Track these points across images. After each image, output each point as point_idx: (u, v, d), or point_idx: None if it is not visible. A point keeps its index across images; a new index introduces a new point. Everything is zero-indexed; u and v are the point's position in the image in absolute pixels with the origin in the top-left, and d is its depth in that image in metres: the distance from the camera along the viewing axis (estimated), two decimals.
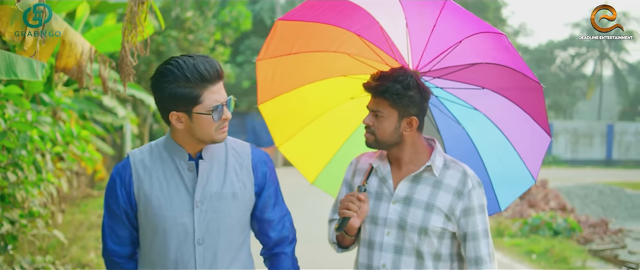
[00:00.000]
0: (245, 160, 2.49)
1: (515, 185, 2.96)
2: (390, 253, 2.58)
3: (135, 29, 3.25)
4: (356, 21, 2.75)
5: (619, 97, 47.38)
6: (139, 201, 2.40)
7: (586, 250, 9.46)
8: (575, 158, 33.57)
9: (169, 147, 2.41)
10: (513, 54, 2.61)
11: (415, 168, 2.63)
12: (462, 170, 2.62)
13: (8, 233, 5.21)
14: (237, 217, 2.45)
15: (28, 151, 5.32)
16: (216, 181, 2.41)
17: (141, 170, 2.40)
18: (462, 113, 2.96)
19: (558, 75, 47.05)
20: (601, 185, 16.26)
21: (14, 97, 5.45)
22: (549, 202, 13.19)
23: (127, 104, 15.99)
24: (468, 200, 2.57)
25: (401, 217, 2.58)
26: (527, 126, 2.81)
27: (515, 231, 10.66)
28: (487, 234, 2.59)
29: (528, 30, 65.35)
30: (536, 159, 2.88)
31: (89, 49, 4.35)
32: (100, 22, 11.00)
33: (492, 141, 2.93)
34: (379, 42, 2.79)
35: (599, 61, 47.00)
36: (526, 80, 2.63)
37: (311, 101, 3.09)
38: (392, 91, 2.51)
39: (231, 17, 17.23)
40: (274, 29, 2.85)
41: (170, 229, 2.37)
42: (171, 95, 2.27)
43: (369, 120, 2.59)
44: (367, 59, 2.89)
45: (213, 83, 2.29)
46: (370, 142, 2.62)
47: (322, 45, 2.91)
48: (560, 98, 46.00)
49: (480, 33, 2.60)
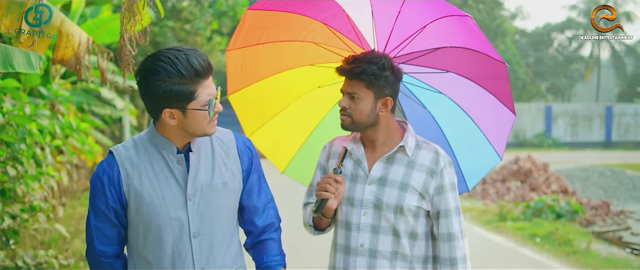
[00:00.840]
0: (231, 148, 2.46)
1: (482, 164, 3.07)
2: (368, 233, 2.65)
3: (134, 17, 3.19)
4: (323, 10, 2.79)
5: (617, 79, 47.34)
6: (129, 199, 2.33)
7: (590, 232, 9.44)
8: (574, 140, 33.59)
9: (156, 141, 2.35)
10: (478, 36, 2.68)
11: (388, 149, 2.71)
12: (434, 150, 2.71)
13: (9, 228, 5.17)
14: (229, 207, 2.43)
15: (27, 145, 5.27)
16: (205, 172, 2.37)
17: (129, 167, 2.33)
18: (427, 97, 3.05)
19: (556, 58, 46.98)
20: (602, 167, 16.22)
21: (12, 90, 5.39)
22: (550, 185, 13.18)
23: (125, 95, 15.92)
24: (440, 179, 2.66)
25: (377, 197, 2.65)
26: (492, 106, 2.91)
27: (518, 215, 10.64)
28: (458, 211, 2.68)
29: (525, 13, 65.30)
30: (501, 137, 3.00)
31: (87, 40, 4.29)
32: (95, 13, 10.93)
33: (457, 123, 3.03)
34: (346, 30, 2.83)
35: (597, 43, 46.91)
36: (490, 60, 2.72)
37: (279, 91, 3.12)
38: (369, 72, 2.57)
39: (228, 6, 17.12)
40: (243, 19, 2.85)
41: (165, 224, 2.31)
42: (165, 93, 2.19)
43: (345, 103, 2.64)
44: (334, 47, 2.93)
45: (206, 77, 2.24)
46: (346, 124, 2.67)
47: (290, 34, 2.94)
48: (558, 81, 45.95)
49: (444, 17, 2.65)
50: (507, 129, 2.96)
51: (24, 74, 7.26)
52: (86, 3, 9.93)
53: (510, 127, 2.95)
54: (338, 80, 3.05)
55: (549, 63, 45.81)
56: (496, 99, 2.88)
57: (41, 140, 5.62)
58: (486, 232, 9.80)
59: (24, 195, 5.53)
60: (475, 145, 3.02)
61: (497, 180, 14.25)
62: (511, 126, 2.95)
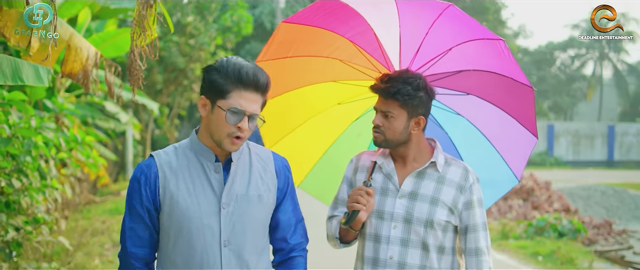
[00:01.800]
0: (268, 164, 2.51)
1: (498, 186, 3.13)
2: (397, 246, 2.70)
3: (144, 33, 3.23)
4: (352, 27, 2.82)
5: (619, 98, 47.38)
6: (163, 202, 2.39)
7: (592, 251, 9.42)
8: (576, 159, 33.55)
9: (196, 149, 2.43)
10: (505, 60, 2.73)
11: (419, 165, 2.76)
12: (463, 166, 2.77)
13: (13, 240, 5.18)
14: (261, 220, 2.46)
15: (32, 157, 5.29)
16: (242, 183, 2.42)
17: (168, 171, 2.40)
18: (445, 118, 3.10)
19: (558, 76, 47.05)
20: (604, 186, 16.20)
21: (18, 103, 5.43)
22: (552, 204, 13.16)
23: (129, 109, 15.98)
24: (469, 194, 2.72)
25: (408, 211, 2.70)
26: (512, 129, 2.96)
27: (520, 233, 10.62)
28: (485, 227, 2.75)
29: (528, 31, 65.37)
30: (520, 159, 3.05)
31: (95, 54, 4.33)
32: (101, 27, 11.01)
33: (474, 145, 3.08)
34: (371, 48, 2.86)
35: (599, 62, 47.01)
36: (515, 84, 2.77)
37: (301, 105, 3.16)
38: (404, 93, 2.62)
39: (232, 22, 17.22)
40: (277, 31, 2.90)
41: (196, 230, 2.36)
42: (208, 81, 2.35)
43: (378, 121, 2.69)
44: (358, 65, 2.96)
45: (246, 88, 2.32)
46: (379, 141, 2.72)
47: (316, 50, 2.97)
48: (560, 99, 45.98)
49: (472, 40, 2.70)
50: (527, 152, 3.01)
51: (30, 86, 7.31)
52: (92, 17, 10.00)
53: (531, 149, 3.00)
54: (358, 98, 3.10)
55: (552, 82, 45.88)
56: (517, 122, 2.93)
57: (46, 153, 5.64)
58: None
59: (28, 208, 5.54)
60: (492, 167, 3.05)
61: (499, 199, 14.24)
62: (532, 148, 3.00)
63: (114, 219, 11.03)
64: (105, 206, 12.65)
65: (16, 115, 5.50)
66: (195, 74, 16.21)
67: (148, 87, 15.63)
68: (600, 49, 46.50)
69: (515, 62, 2.73)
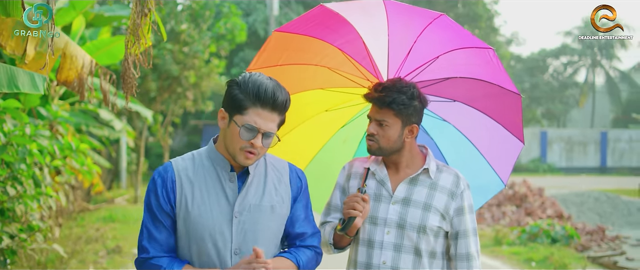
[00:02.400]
0: (284, 176, 2.57)
1: (485, 190, 3.18)
2: (390, 251, 2.74)
3: (138, 41, 3.26)
4: (341, 35, 2.86)
5: (612, 105, 47.54)
6: (179, 207, 2.44)
7: (585, 257, 9.47)
8: (569, 166, 33.65)
9: (213, 157, 2.49)
10: (494, 67, 2.80)
11: (412, 171, 2.81)
12: (455, 173, 2.83)
13: (8, 247, 5.18)
14: (273, 230, 2.51)
15: (27, 165, 5.30)
16: (255, 193, 2.48)
17: (184, 178, 2.46)
18: (432, 125, 3.15)
19: (551, 83, 47.20)
20: (597, 192, 16.26)
21: (12, 110, 5.43)
22: (545, 210, 13.21)
23: (123, 117, 15.97)
24: (461, 200, 2.78)
25: (401, 216, 2.74)
26: (498, 135, 3.02)
27: (513, 239, 10.66)
28: (475, 232, 2.81)
29: (520, 39, 65.73)
30: (507, 164, 3.11)
31: (90, 61, 4.36)
32: (94, 35, 11.01)
33: (460, 151, 3.14)
34: (360, 57, 2.90)
35: (591, 69, 47.18)
36: (503, 91, 2.84)
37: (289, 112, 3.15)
38: (399, 102, 2.66)
39: (226, 29, 17.24)
40: (269, 40, 2.93)
41: (208, 237, 2.42)
42: (229, 95, 2.41)
43: (373, 129, 2.73)
44: (346, 73, 3.00)
45: (263, 107, 2.37)
46: (373, 149, 2.76)
47: (306, 58, 3.02)
48: (553, 106, 46.13)
49: (460, 49, 2.76)
50: (513, 157, 3.07)
51: (24, 94, 7.32)
52: (86, 25, 10.01)
53: (517, 154, 3.06)
54: (345, 105, 3.14)
55: (544, 88, 46.03)
56: (503, 128, 3.00)
57: (41, 161, 5.65)
58: (482, 257, 9.81)
59: (23, 215, 5.55)
60: (478, 172, 3.11)
61: (492, 205, 14.28)
62: (518, 154, 3.05)
63: (107, 226, 11.02)
64: (99, 214, 12.64)
65: (11, 122, 5.51)
66: (189, 81, 16.22)
67: (142, 94, 15.62)
68: (592, 56, 46.70)
69: (504, 70, 2.80)
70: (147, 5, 3.23)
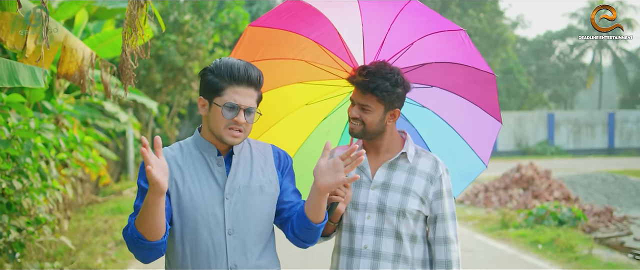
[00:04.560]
0: (268, 157, 2.65)
1: (467, 172, 3.22)
2: (371, 235, 2.77)
3: (135, 32, 3.28)
4: (316, 28, 2.88)
5: (619, 86, 47.37)
6: (171, 192, 2.50)
7: (592, 238, 9.47)
8: (577, 148, 33.58)
9: (199, 145, 2.57)
10: (467, 49, 2.83)
11: (391, 156, 2.84)
12: (433, 158, 2.86)
13: (16, 240, 5.24)
14: (265, 209, 2.57)
15: (33, 158, 5.35)
16: (243, 175, 2.55)
17: (173, 164, 2.53)
18: (411, 112, 3.18)
19: (557, 65, 47.04)
20: (604, 174, 16.23)
21: (17, 105, 5.48)
22: (553, 192, 13.20)
23: (129, 109, 16.02)
24: (439, 185, 2.80)
25: (380, 201, 2.78)
26: (476, 116, 3.07)
27: (520, 222, 10.67)
28: (454, 216, 2.83)
29: (526, 21, 65.40)
30: (487, 145, 3.17)
31: (90, 54, 4.38)
32: (98, 28, 11.03)
33: (440, 135, 3.18)
34: (335, 48, 2.93)
35: (598, 50, 46.97)
36: (477, 72, 2.87)
37: (269, 108, 3.17)
38: (382, 88, 2.67)
39: (229, 19, 17.24)
40: (244, 35, 2.93)
41: (202, 219, 2.48)
42: (204, 82, 2.51)
43: (356, 113, 2.75)
44: (323, 65, 3.03)
45: (239, 84, 2.46)
46: (356, 132, 2.78)
47: (282, 52, 3.03)
48: (560, 88, 46.00)
49: (433, 33, 2.78)
50: (492, 137, 3.12)
51: (29, 88, 7.36)
52: (89, 18, 10.04)
53: (496, 134, 3.10)
54: (325, 97, 3.17)
55: (551, 71, 45.88)
56: (480, 109, 3.04)
57: (46, 154, 5.69)
58: (489, 240, 9.84)
59: (30, 208, 5.60)
60: (459, 154, 3.16)
61: (499, 188, 14.29)
62: (497, 133, 3.10)
63: (116, 218, 11.09)
64: (108, 206, 12.71)
65: (15, 117, 5.55)
66: (194, 72, 16.26)
67: (147, 86, 15.67)
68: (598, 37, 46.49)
69: (476, 51, 2.82)
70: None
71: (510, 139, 32.67)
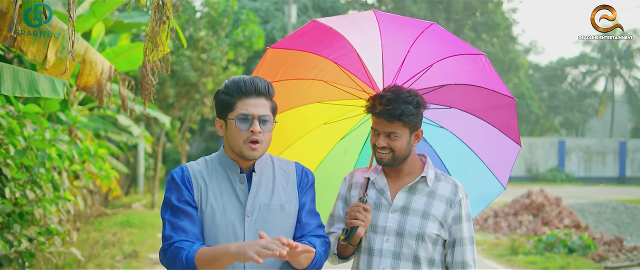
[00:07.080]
0: (291, 176, 2.66)
1: (485, 194, 3.24)
2: (389, 258, 2.78)
3: (156, 48, 3.31)
4: (335, 49, 2.92)
5: (631, 114, 47.10)
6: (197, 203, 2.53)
7: (602, 267, 9.39)
8: (588, 175, 33.35)
9: (223, 161, 2.60)
10: (486, 73, 2.87)
11: (411, 179, 2.86)
12: (453, 182, 2.87)
13: (26, 250, 5.25)
14: (284, 229, 2.59)
15: (46, 169, 5.37)
16: (265, 194, 2.57)
17: (199, 178, 2.56)
18: (430, 132, 3.19)
19: (569, 92, 46.87)
20: (615, 203, 16.11)
21: (33, 115, 5.52)
22: (563, 220, 13.11)
23: (141, 122, 16.09)
24: (459, 209, 2.82)
25: (400, 225, 2.79)
26: (495, 138, 3.09)
27: (529, 249, 10.59)
28: (472, 241, 2.85)
29: (539, 47, 65.26)
30: (505, 167, 3.18)
31: (109, 67, 4.42)
32: (114, 41, 11.14)
33: (459, 157, 3.19)
34: (355, 68, 2.96)
35: (611, 78, 46.80)
36: (496, 96, 2.91)
37: (288, 127, 3.21)
38: (408, 113, 2.70)
39: (244, 36, 17.33)
40: (265, 57, 2.98)
41: (222, 236, 2.51)
42: (217, 103, 2.58)
43: (384, 142, 2.74)
44: (342, 85, 3.06)
45: (248, 96, 2.50)
46: (386, 160, 2.78)
47: (301, 72, 3.06)
48: (572, 115, 45.78)
49: (452, 56, 2.82)
50: (511, 160, 3.13)
51: (44, 99, 7.42)
52: (106, 31, 10.13)
53: (515, 157, 3.12)
54: (343, 117, 3.19)
55: (563, 98, 45.72)
56: (500, 131, 3.07)
57: (60, 165, 5.72)
58: (498, 265, 9.78)
59: (41, 219, 5.62)
60: (477, 176, 3.17)
61: (509, 214, 14.20)
62: (516, 156, 3.12)
63: (124, 231, 11.10)
64: (117, 218, 12.73)
65: (31, 127, 5.59)
66: (207, 88, 16.32)
67: (160, 100, 15.73)
68: (611, 65, 46.34)
69: (497, 75, 2.86)
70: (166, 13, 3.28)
71: (520, 164, 32.51)
